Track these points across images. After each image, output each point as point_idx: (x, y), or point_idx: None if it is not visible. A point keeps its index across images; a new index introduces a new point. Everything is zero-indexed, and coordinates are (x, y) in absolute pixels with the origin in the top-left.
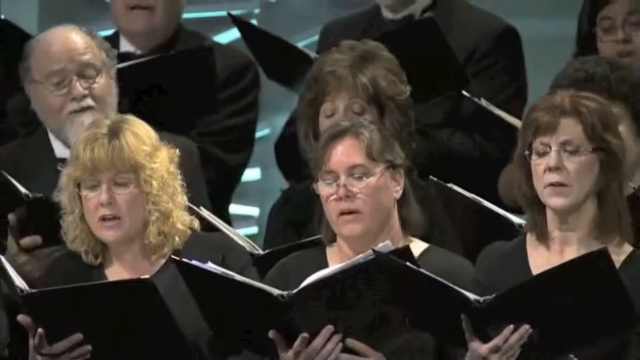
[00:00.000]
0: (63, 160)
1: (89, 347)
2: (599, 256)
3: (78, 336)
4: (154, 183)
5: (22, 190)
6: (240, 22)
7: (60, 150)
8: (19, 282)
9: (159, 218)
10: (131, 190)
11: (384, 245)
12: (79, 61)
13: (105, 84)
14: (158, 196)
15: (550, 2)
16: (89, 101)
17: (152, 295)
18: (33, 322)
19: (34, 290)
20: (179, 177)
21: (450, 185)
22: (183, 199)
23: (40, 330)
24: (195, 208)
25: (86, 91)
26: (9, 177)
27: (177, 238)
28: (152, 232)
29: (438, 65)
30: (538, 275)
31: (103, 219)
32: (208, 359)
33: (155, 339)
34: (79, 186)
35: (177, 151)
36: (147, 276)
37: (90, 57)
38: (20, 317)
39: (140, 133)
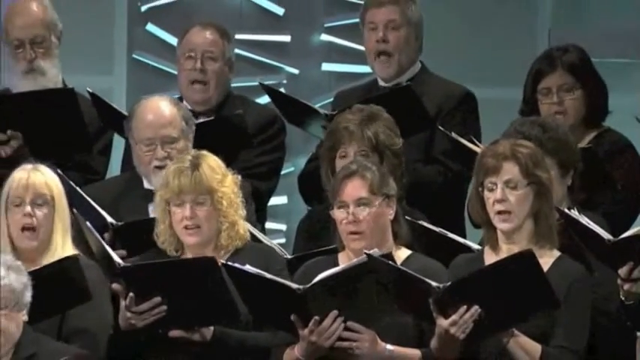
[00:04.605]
0: (149, 190)
1: (165, 307)
2: (526, 255)
3: (157, 299)
4: (224, 202)
5: (108, 219)
6: (266, 88)
7: (146, 184)
8: (117, 259)
9: (228, 227)
10: (208, 208)
11: (374, 251)
12: (163, 134)
13: (181, 148)
14: (227, 211)
15: (502, 74)
16: (167, 162)
17: (214, 269)
18: (124, 289)
19: (129, 264)
20: (240, 195)
21: (420, 222)
22: (243, 211)
23: (131, 294)
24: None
25: (166, 154)
26: (99, 209)
27: (238, 241)
28: (224, 236)
29: (410, 115)
30: (482, 269)
31: (186, 227)
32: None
33: (213, 303)
34: (168, 203)
35: (239, 176)
36: (212, 255)
37: (171, 130)
38: (114, 286)
39: (213, 165)
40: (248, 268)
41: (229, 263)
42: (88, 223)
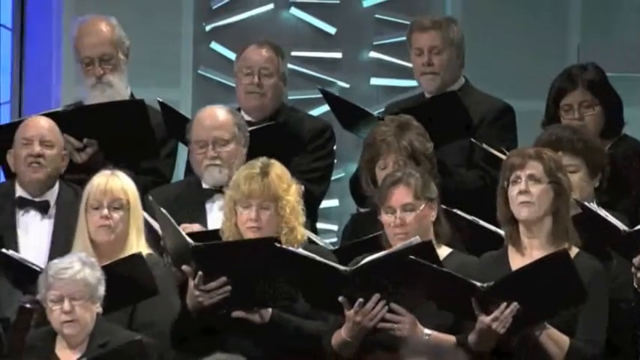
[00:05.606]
0: (207, 189)
1: (229, 287)
2: (562, 254)
3: (223, 278)
4: (287, 209)
5: (188, 240)
6: (324, 92)
7: (204, 184)
8: (188, 239)
9: (287, 232)
10: (271, 213)
11: (415, 238)
12: (214, 136)
13: (230, 150)
14: (289, 218)
15: (533, 87)
16: (217, 161)
17: (272, 251)
18: (193, 269)
19: (200, 243)
20: (302, 203)
21: (455, 210)
22: (303, 218)
23: (200, 272)
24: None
25: (216, 154)
26: (182, 232)
27: (295, 244)
28: (282, 240)
29: (454, 121)
30: (520, 268)
31: (249, 228)
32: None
33: (271, 284)
34: (235, 203)
35: (303, 186)
36: (271, 236)
37: (222, 133)
38: (184, 267)
39: (281, 174)
40: (299, 250)
41: (282, 246)
42: (162, 208)
